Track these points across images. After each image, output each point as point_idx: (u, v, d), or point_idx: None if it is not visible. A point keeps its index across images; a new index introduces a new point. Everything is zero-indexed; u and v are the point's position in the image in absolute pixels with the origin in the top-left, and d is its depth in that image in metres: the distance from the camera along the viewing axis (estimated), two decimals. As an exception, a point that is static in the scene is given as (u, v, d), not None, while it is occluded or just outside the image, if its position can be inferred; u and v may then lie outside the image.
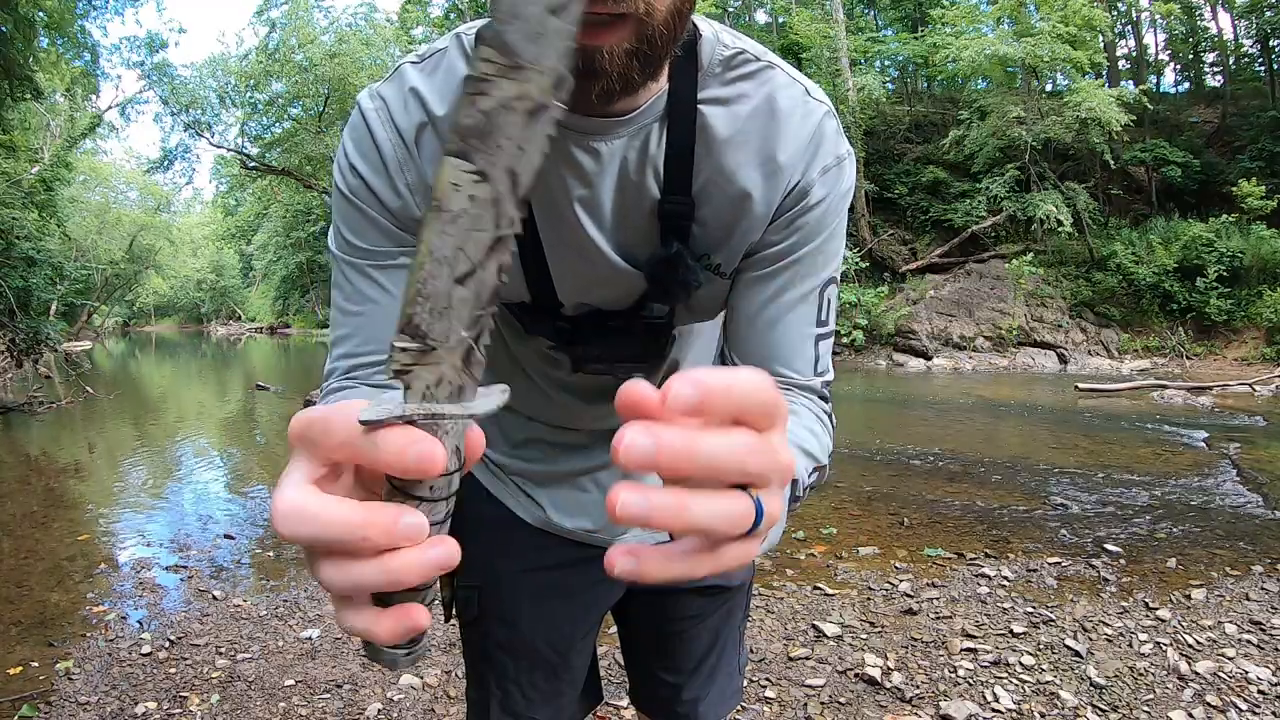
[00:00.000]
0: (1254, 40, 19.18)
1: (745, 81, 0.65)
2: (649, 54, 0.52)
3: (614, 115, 0.62)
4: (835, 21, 18.58)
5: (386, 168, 0.65)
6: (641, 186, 0.66)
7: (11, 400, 9.21)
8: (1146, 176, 17.29)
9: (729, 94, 0.65)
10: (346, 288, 0.67)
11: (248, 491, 5.14)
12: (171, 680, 2.39)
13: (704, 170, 0.66)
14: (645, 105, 0.63)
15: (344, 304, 0.67)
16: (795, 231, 0.67)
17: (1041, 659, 2.42)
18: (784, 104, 0.65)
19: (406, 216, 0.66)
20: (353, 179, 0.65)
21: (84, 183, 29.80)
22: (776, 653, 2.49)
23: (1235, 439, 6.31)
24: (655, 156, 0.65)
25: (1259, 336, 13.41)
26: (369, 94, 0.67)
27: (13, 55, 10.00)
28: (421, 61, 0.67)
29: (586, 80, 0.51)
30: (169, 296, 51.12)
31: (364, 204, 0.65)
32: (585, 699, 1.00)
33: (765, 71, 0.65)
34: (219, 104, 23.38)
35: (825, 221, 0.68)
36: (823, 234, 0.68)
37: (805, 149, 0.65)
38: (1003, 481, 4.88)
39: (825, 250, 0.68)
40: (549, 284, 0.72)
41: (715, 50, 0.65)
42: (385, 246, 0.66)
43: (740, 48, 0.65)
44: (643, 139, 0.64)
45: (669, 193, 0.66)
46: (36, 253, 12.20)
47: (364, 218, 0.65)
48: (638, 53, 0.51)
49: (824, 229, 0.68)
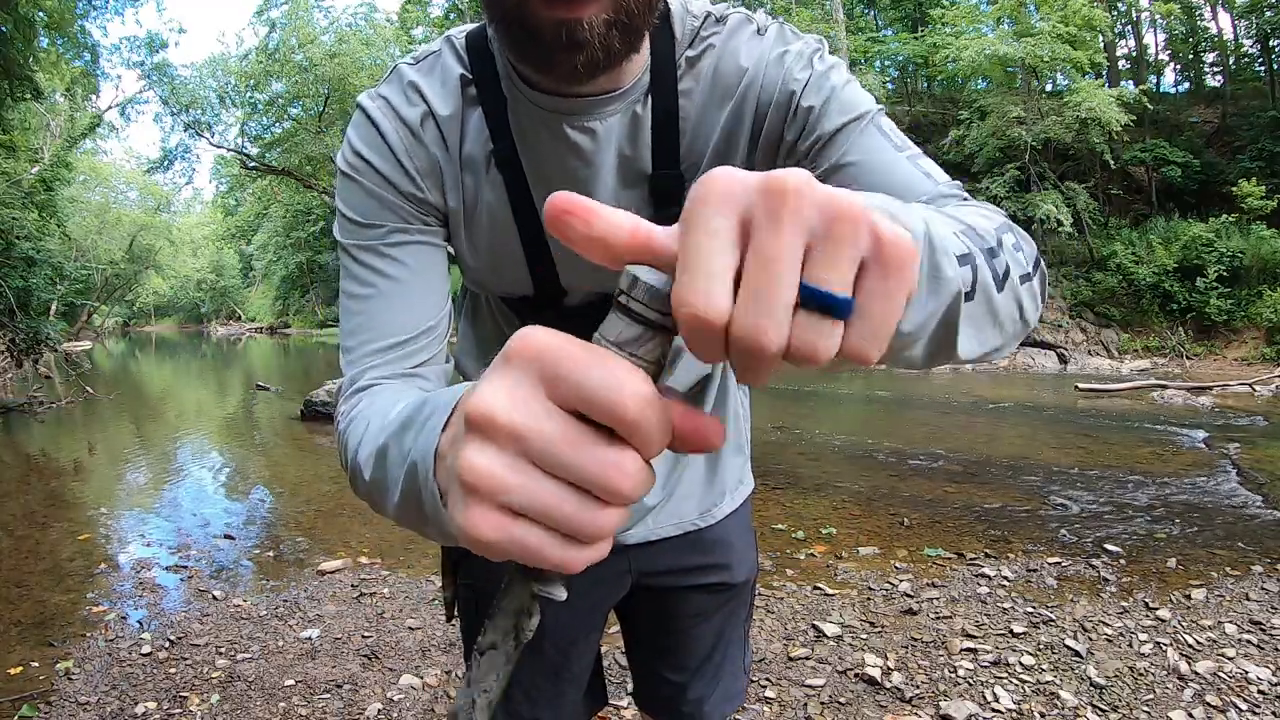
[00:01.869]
0: (1254, 40, 19.17)
1: (708, 39, 0.69)
2: (627, 24, 0.54)
3: (603, 93, 0.64)
4: (835, 21, 18.59)
5: (394, 153, 0.67)
6: (636, 161, 0.68)
7: (11, 400, 9.21)
8: (1146, 176, 17.29)
9: (697, 55, 0.68)
10: (358, 272, 0.67)
11: (248, 491, 5.14)
12: (171, 680, 2.39)
13: (688, 133, 0.69)
14: (632, 82, 0.65)
15: (356, 290, 0.67)
16: (807, 115, 0.65)
17: (1041, 659, 2.42)
18: (737, 42, 0.68)
19: (416, 197, 0.68)
20: (358, 162, 0.67)
21: (84, 183, 29.80)
22: (776, 653, 2.49)
23: (1235, 439, 6.31)
24: (645, 130, 0.67)
25: (1259, 336, 13.41)
26: (369, 95, 0.69)
27: (13, 55, 10.00)
28: (417, 63, 0.70)
29: (570, 52, 0.54)
30: (169, 296, 51.13)
31: (371, 183, 0.67)
32: (589, 700, 1.00)
33: (722, 24, 0.69)
34: (219, 104, 23.40)
35: (825, 90, 0.65)
36: (833, 99, 0.65)
37: (768, 63, 0.67)
38: (1003, 481, 4.88)
39: (844, 101, 0.65)
40: (553, 273, 0.73)
41: (686, 22, 0.68)
42: (395, 223, 0.67)
43: (706, 12, 0.69)
44: (632, 114, 0.66)
45: (658, 166, 0.68)
46: (36, 253, 12.19)
47: (371, 196, 0.67)
48: (616, 23, 0.54)
49: (831, 96, 0.65)
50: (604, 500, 0.30)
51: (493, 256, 0.73)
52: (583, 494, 0.29)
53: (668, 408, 0.29)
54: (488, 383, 0.30)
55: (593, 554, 0.31)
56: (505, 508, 0.30)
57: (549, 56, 0.55)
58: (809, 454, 5.87)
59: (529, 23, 0.53)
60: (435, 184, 0.69)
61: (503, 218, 0.71)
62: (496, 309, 0.85)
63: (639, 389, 0.28)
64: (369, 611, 2.88)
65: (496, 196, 0.70)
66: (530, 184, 0.69)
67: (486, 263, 0.74)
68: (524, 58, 0.60)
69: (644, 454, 0.29)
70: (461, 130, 0.69)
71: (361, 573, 3.28)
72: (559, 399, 0.29)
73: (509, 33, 0.56)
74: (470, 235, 0.72)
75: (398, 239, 0.67)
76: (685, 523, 0.93)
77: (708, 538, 0.95)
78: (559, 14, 0.52)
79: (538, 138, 0.67)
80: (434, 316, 0.67)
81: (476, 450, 0.29)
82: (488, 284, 0.78)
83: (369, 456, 0.53)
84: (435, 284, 0.69)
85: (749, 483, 1.02)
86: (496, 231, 0.72)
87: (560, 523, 0.30)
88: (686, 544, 0.94)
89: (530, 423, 0.28)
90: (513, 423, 0.29)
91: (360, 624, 2.77)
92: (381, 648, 2.58)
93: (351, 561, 3.42)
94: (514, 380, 0.29)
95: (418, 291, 0.67)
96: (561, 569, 0.31)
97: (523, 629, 0.34)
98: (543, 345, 0.29)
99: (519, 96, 0.66)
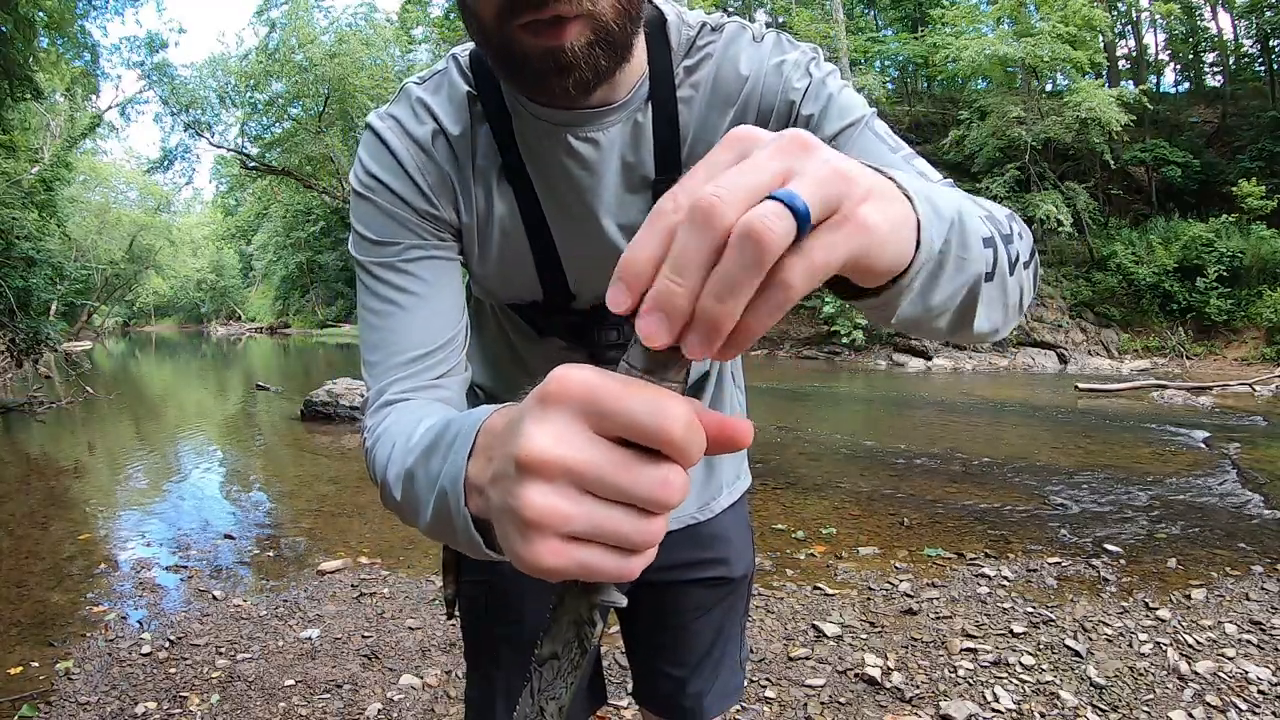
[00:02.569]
0: (1254, 40, 19.17)
1: (705, 48, 0.69)
2: (610, 41, 0.55)
3: (603, 106, 0.65)
4: (835, 21, 18.58)
5: (406, 171, 0.68)
6: (640, 167, 0.70)
7: (11, 400, 9.21)
8: (1146, 176, 17.29)
9: (694, 64, 0.69)
10: (377, 289, 0.68)
11: (248, 491, 5.14)
12: (171, 680, 2.39)
13: (689, 140, 0.70)
14: (632, 92, 0.66)
15: (375, 306, 0.68)
16: (805, 124, 0.66)
17: (1041, 659, 2.42)
18: (735, 50, 0.69)
19: (430, 213, 0.69)
20: (371, 182, 0.68)
21: (84, 183, 29.80)
22: (776, 653, 2.49)
23: (1235, 439, 6.31)
24: (647, 138, 0.69)
25: (1259, 336, 13.42)
26: (378, 115, 0.71)
27: (13, 55, 10.00)
28: (424, 82, 0.71)
29: (560, 77, 0.55)
30: (169, 296, 51.12)
31: (385, 201, 0.68)
32: (589, 699, 1.01)
33: (719, 33, 0.70)
34: (219, 104, 23.39)
35: (823, 98, 0.66)
36: (831, 106, 0.66)
37: (766, 72, 0.68)
38: (1003, 481, 4.88)
39: (841, 107, 0.66)
40: (562, 279, 0.75)
41: (681, 31, 0.69)
42: (410, 240, 0.68)
43: (701, 22, 0.70)
44: (634, 123, 0.68)
45: (660, 172, 0.70)
46: (36, 253, 12.20)
47: (385, 214, 0.68)
48: (599, 42, 0.54)
49: (829, 104, 0.66)
50: (653, 512, 0.32)
51: (503, 266, 0.75)
52: (634, 510, 0.32)
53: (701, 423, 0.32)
54: (531, 425, 0.32)
55: (646, 560, 0.34)
56: (567, 536, 0.32)
57: (540, 82, 0.56)
58: (809, 454, 5.87)
59: (516, 52, 0.54)
60: (448, 199, 0.70)
61: (513, 228, 0.72)
62: (502, 314, 0.86)
63: (680, 413, 0.30)
64: (369, 611, 2.88)
65: (507, 208, 0.71)
66: (539, 194, 0.71)
67: (497, 271, 0.75)
68: (518, 85, 0.62)
69: (684, 466, 0.32)
70: (472, 146, 0.70)
71: (361, 573, 3.28)
72: (602, 430, 0.31)
73: (499, 63, 0.58)
74: (482, 247, 0.73)
75: (414, 255, 0.68)
76: (685, 516, 0.94)
77: (706, 532, 0.96)
78: (543, 42, 0.53)
79: (543, 150, 0.68)
80: (453, 328, 0.69)
81: (533, 489, 0.32)
82: (496, 292, 0.79)
83: (397, 478, 0.55)
84: (452, 297, 0.70)
85: (746, 478, 1.04)
86: (508, 242, 0.73)
87: (619, 539, 0.32)
88: (686, 539, 0.95)
89: (580, 456, 0.31)
90: (563, 459, 0.31)
91: (360, 624, 2.77)
92: (381, 648, 2.58)
93: (351, 561, 3.42)
94: (555, 419, 0.31)
95: (436, 305, 0.68)
96: (621, 579, 0.33)
97: (586, 638, 0.37)
98: (581, 384, 0.31)
99: (522, 111, 0.67)
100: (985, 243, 0.45)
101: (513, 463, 0.32)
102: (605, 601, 0.36)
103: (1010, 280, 0.50)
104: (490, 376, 0.91)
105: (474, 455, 0.43)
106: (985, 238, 0.45)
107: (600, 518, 0.32)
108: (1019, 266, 0.52)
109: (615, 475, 0.31)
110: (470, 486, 0.43)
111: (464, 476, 0.43)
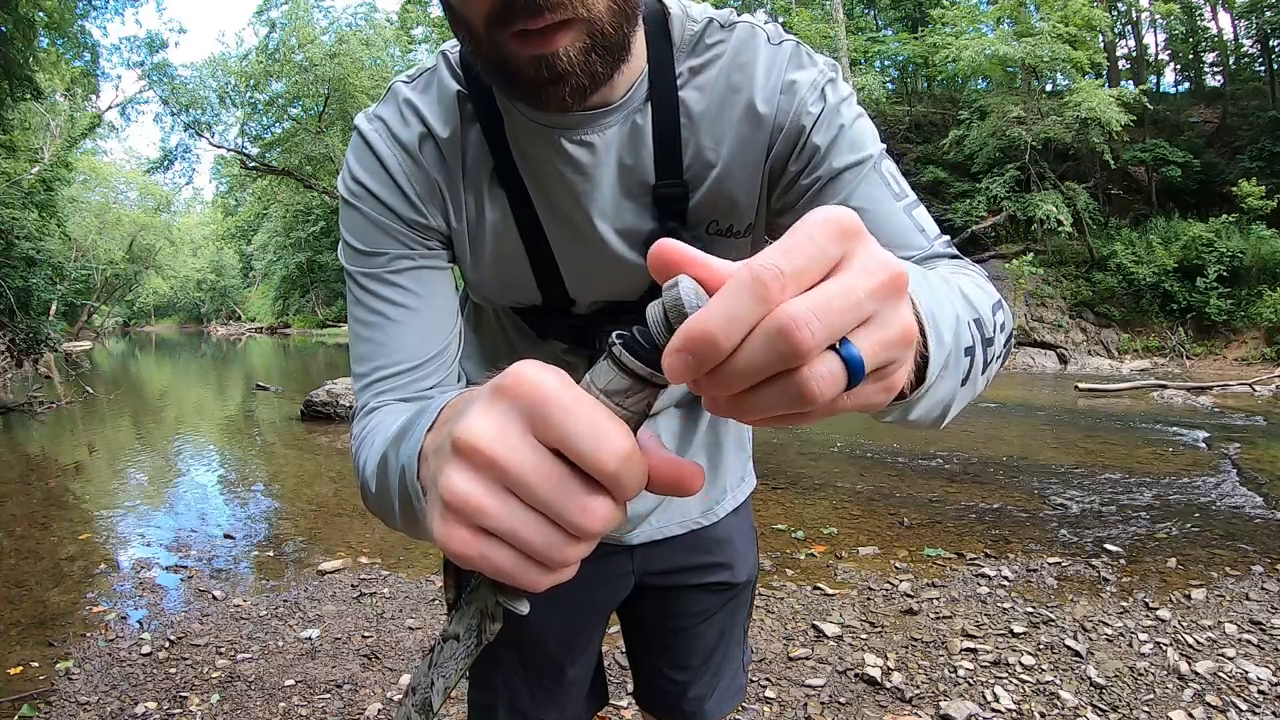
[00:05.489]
0: (1254, 40, 19.15)
1: (714, 48, 0.66)
2: (605, 45, 0.53)
3: (598, 108, 0.63)
4: (835, 21, 18.57)
5: (393, 178, 0.66)
6: (637, 171, 0.67)
7: (11, 400, 9.21)
8: (1146, 176, 17.28)
9: (701, 64, 0.66)
10: (365, 299, 0.67)
11: (248, 491, 5.14)
12: (171, 680, 2.39)
13: (692, 143, 0.67)
14: (629, 92, 0.64)
15: (363, 317, 0.67)
16: (813, 153, 0.65)
17: (1041, 659, 2.41)
18: (749, 56, 0.66)
19: (418, 222, 0.67)
20: (358, 189, 0.66)
21: (84, 183, 29.81)
22: (776, 653, 2.49)
23: (1235, 439, 6.31)
24: (646, 140, 0.66)
25: (1259, 336, 13.40)
26: (366, 117, 0.68)
27: (13, 55, 10.01)
28: (412, 81, 0.68)
29: (555, 85, 0.53)
30: (169, 296, 51.11)
31: (372, 210, 0.66)
32: (591, 700, 1.00)
33: (729, 31, 0.66)
34: (219, 104, 23.35)
35: (834, 128, 0.65)
36: (841, 138, 0.65)
37: (782, 88, 0.65)
38: (1003, 481, 4.88)
39: (851, 140, 0.65)
40: (560, 283, 0.73)
41: (685, 26, 0.66)
42: (397, 249, 0.67)
43: (708, 18, 0.67)
44: (632, 124, 0.65)
45: (661, 176, 0.67)
46: (36, 253, 12.21)
47: (372, 223, 0.66)
48: (594, 47, 0.52)
49: (839, 135, 0.65)
50: (573, 535, 0.32)
51: (498, 271, 0.73)
52: (553, 525, 0.31)
53: (644, 459, 0.31)
54: (477, 411, 0.32)
55: (556, 579, 0.33)
56: (478, 528, 0.32)
57: (535, 92, 0.54)
58: (809, 454, 5.87)
59: (508, 62, 0.53)
60: (436, 206, 0.68)
61: (507, 233, 0.70)
62: (504, 316, 0.84)
63: (618, 445, 0.29)
64: (369, 611, 2.88)
65: (499, 212, 0.69)
66: (532, 198, 0.68)
67: (492, 277, 0.73)
68: (512, 95, 0.61)
69: (617, 500, 0.31)
70: (462, 149, 0.67)
71: (361, 573, 3.28)
72: (540, 437, 0.30)
73: (492, 73, 0.56)
74: (475, 252, 0.71)
75: (402, 265, 0.67)
76: (689, 520, 0.93)
77: (710, 536, 0.95)
78: (534, 50, 0.51)
79: (536, 152, 0.66)
80: (442, 341, 0.68)
81: (458, 472, 0.31)
82: (493, 297, 0.77)
83: (373, 471, 0.54)
84: (442, 309, 0.68)
85: (751, 480, 1.03)
86: (501, 247, 0.71)
87: (529, 549, 0.31)
88: (689, 543, 0.94)
89: (511, 456, 0.30)
90: (495, 453, 0.30)
91: (360, 624, 2.77)
92: (381, 648, 2.58)
93: (351, 561, 3.42)
94: (501, 413, 0.31)
95: (425, 318, 0.67)
96: (527, 589, 0.33)
97: (485, 630, 0.37)
98: (534, 386, 0.30)
99: (514, 113, 0.65)
100: (966, 352, 0.45)
101: (450, 440, 0.32)
102: (507, 604, 0.36)
103: (981, 379, 0.49)
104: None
105: (433, 429, 0.43)
106: (968, 347, 0.45)
107: (517, 521, 0.31)
108: (993, 363, 0.51)
109: (540, 484, 0.30)
110: (422, 456, 0.43)
111: (420, 449, 0.43)
